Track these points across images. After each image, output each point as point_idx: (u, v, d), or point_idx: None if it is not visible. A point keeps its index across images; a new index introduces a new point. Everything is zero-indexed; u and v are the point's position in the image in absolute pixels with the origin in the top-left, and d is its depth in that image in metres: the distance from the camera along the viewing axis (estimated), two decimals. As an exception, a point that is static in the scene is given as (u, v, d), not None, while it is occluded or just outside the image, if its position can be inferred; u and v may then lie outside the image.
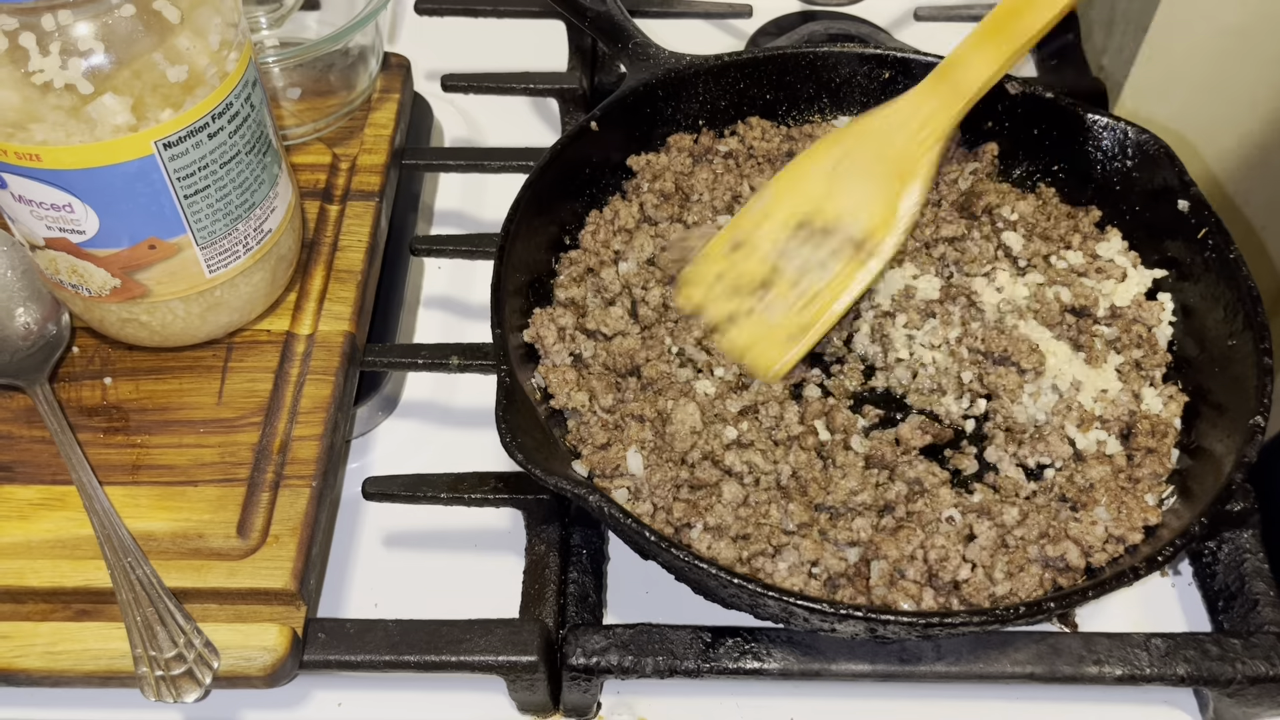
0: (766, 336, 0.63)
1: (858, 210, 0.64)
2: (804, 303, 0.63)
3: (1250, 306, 0.61)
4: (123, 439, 0.62)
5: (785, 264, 0.64)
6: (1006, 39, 0.62)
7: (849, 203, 0.64)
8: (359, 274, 0.70)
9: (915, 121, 0.64)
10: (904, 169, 0.64)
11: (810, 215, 0.64)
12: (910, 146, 0.64)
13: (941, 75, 0.64)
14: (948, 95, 0.64)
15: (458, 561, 0.66)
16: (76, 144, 0.53)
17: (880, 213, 0.63)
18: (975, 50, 0.63)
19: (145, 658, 0.53)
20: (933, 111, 0.64)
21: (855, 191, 0.64)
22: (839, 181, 0.65)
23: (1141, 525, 0.58)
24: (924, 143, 0.64)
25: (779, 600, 0.51)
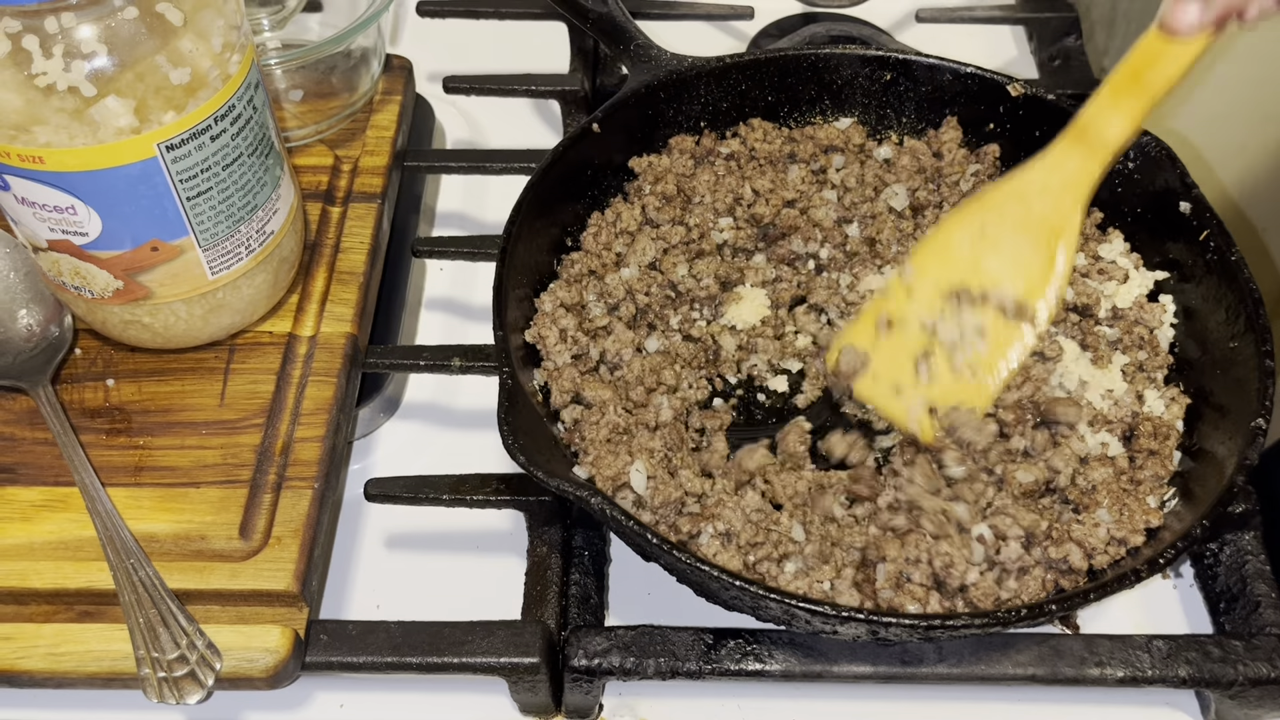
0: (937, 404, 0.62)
1: (1012, 274, 0.63)
2: (969, 371, 0.62)
3: (1252, 309, 0.61)
4: (125, 440, 0.62)
5: (943, 334, 0.63)
6: (1142, 92, 0.60)
7: (1001, 267, 0.63)
8: (361, 276, 0.70)
9: (1057, 183, 0.63)
10: (1053, 229, 0.62)
11: (962, 283, 0.63)
12: (1056, 206, 0.63)
13: (1078, 134, 0.63)
14: (1087, 154, 0.62)
15: (460, 563, 0.66)
16: (79, 146, 0.53)
17: (1036, 274, 0.62)
18: (1111, 106, 0.61)
19: (148, 659, 0.53)
20: (1074, 172, 0.62)
21: (1006, 256, 0.63)
22: (987, 248, 0.63)
23: (1143, 527, 0.58)
24: (1069, 202, 0.62)
25: (781, 602, 0.51)
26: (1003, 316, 0.62)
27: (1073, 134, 0.63)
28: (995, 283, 0.63)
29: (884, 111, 0.78)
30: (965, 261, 0.63)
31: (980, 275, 0.63)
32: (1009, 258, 0.63)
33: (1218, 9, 0.56)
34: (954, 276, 0.63)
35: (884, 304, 0.64)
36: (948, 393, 0.62)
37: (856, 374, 0.64)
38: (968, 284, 0.63)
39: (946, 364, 0.62)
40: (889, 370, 0.63)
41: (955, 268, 0.64)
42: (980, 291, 0.63)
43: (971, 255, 0.63)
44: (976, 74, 0.74)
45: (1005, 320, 0.62)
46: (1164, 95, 0.61)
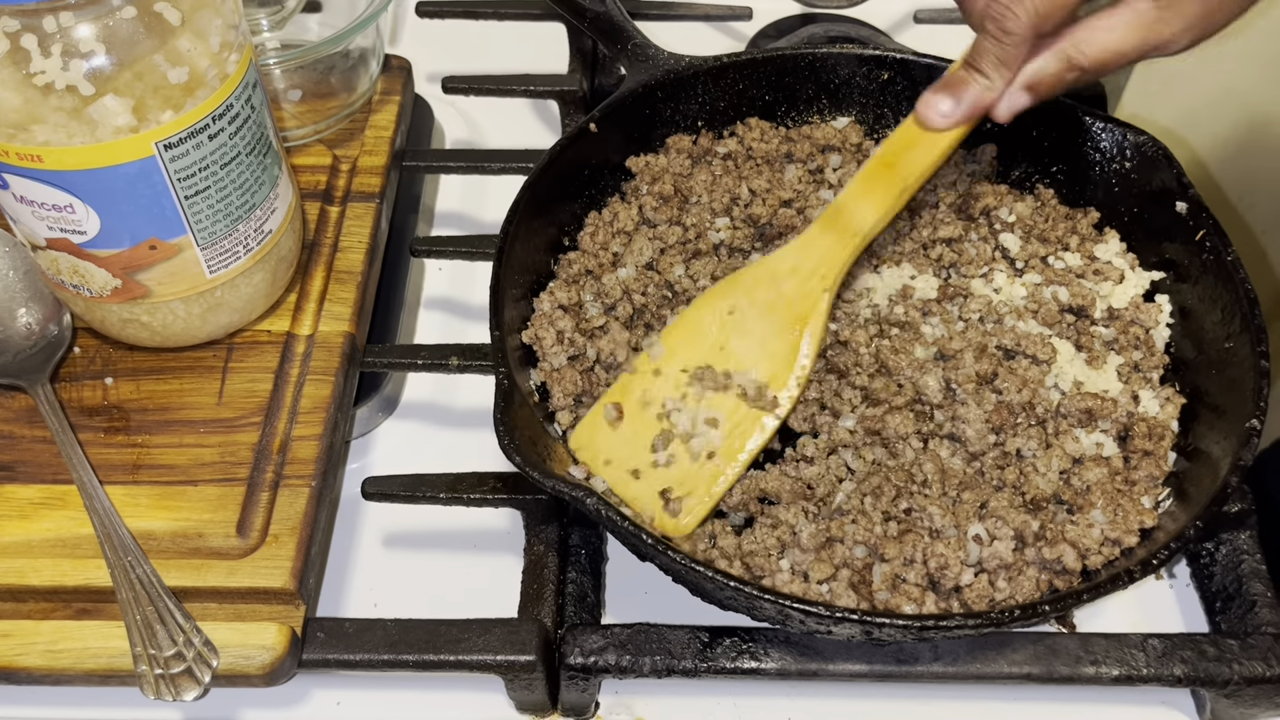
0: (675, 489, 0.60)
1: (757, 358, 0.62)
2: (705, 455, 0.60)
3: (1247, 309, 0.61)
4: (123, 439, 0.62)
5: (680, 419, 0.61)
6: (893, 180, 0.61)
7: (746, 350, 0.62)
8: (359, 275, 0.70)
9: (807, 266, 0.63)
10: (799, 313, 0.62)
11: (706, 365, 0.62)
12: (803, 290, 0.62)
13: (830, 219, 0.63)
14: (837, 238, 0.63)
15: (457, 561, 0.66)
16: (78, 145, 0.53)
17: (779, 361, 0.62)
18: (863, 192, 0.62)
19: (145, 656, 0.53)
20: (824, 255, 0.63)
21: (751, 338, 0.62)
22: (734, 329, 0.63)
23: (1138, 528, 0.58)
24: (816, 287, 0.62)
25: (775, 603, 0.51)
26: (744, 402, 0.61)
27: (826, 218, 0.63)
28: (739, 366, 0.62)
29: (881, 111, 0.78)
30: (712, 342, 0.63)
31: (726, 357, 0.62)
32: (755, 340, 0.62)
33: (968, 107, 0.59)
34: (700, 357, 0.63)
35: (629, 383, 0.63)
36: (684, 478, 0.60)
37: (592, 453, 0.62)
38: (713, 365, 0.62)
39: (684, 448, 0.60)
40: (628, 453, 0.61)
41: (702, 348, 0.63)
42: (724, 373, 0.62)
43: (719, 336, 0.63)
44: (974, 74, 0.74)
45: (747, 405, 0.61)
46: (917, 183, 0.62)
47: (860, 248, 0.63)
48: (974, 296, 0.68)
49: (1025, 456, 0.61)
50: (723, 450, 0.61)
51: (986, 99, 0.58)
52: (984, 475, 0.61)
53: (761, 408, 0.61)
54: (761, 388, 0.61)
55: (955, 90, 0.59)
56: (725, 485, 0.60)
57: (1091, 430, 0.62)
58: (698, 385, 0.62)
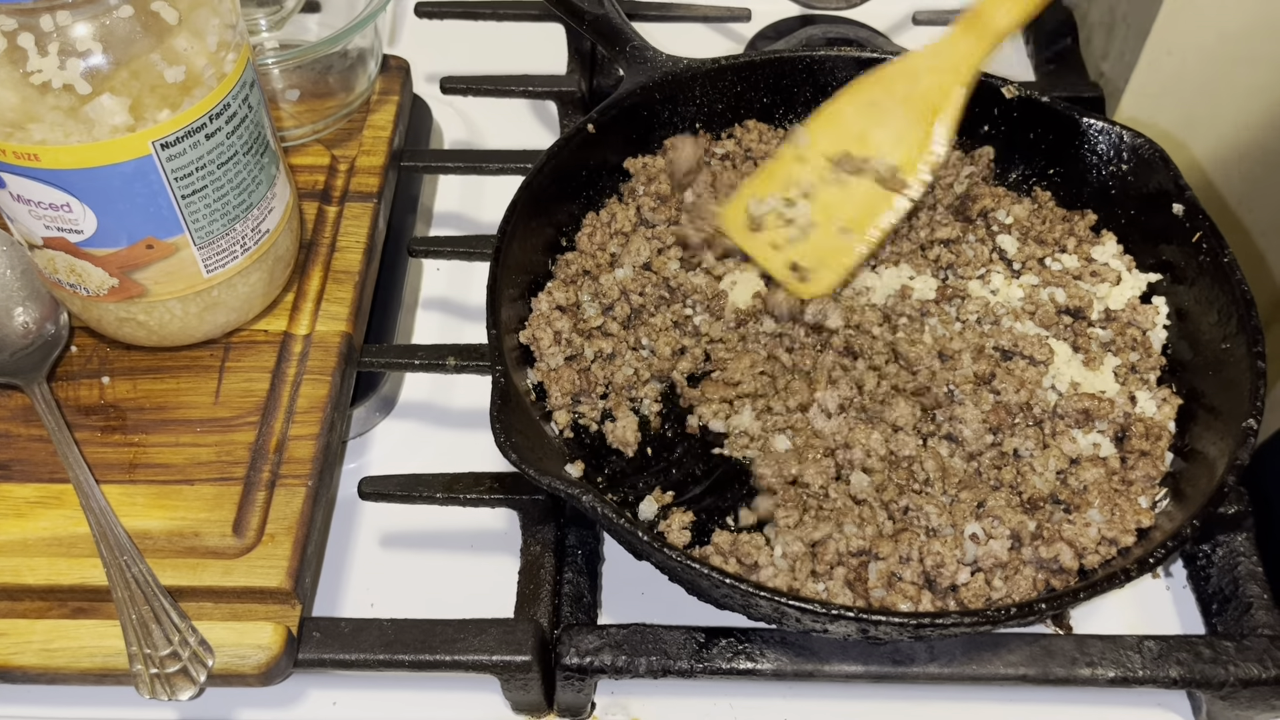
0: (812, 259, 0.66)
1: (892, 145, 0.67)
2: (842, 230, 0.66)
3: (1244, 310, 0.61)
4: (120, 438, 0.62)
5: (822, 195, 0.67)
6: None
7: (882, 139, 0.67)
8: (356, 275, 0.70)
9: (945, 62, 0.67)
10: (934, 104, 0.67)
11: (845, 151, 0.67)
12: (939, 84, 0.67)
13: (970, 21, 0.67)
14: (976, 39, 0.67)
15: (454, 562, 0.66)
16: (74, 144, 0.53)
17: (912, 146, 0.67)
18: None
19: (140, 655, 0.53)
20: (961, 54, 0.67)
21: (888, 128, 0.67)
22: (872, 119, 0.68)
23: (1134, 527, 0.58)
24: (951, 81, 0.67)
25: (771, 600, 0.51)
26: (878, 184, 0.66)
27: (965, 22, 0.68)
28: (876, 152, 0.67)
29: (879, 113, 0.78)
30: (853, 131, 0.68)
31: (864, 144, 0.68)
32: (891, 129, 0.67)
33: None
34: (840, 144, 0.68)
35: (774, 169, 0.69)
36: (817, 250, 0.67)
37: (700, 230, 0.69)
38: (850, 151, 0.67)
39: (821, 225, 0.67)
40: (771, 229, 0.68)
41: (843, 136, 0.68)
42: (862, 158, 0.67)
43: (859, 126, 0.68)
44: (971, 76, 0.74)
45: (880, 187, 0.66)
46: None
47: (994, 47, 0.67)
48: (971, 298, 0.68)
49: (1022, 456, 0.61)
50: (855, 226, 0.66)
51: None
52: (981, 475, 0.61)
53: (893, 189, 0.66)
54: (895, 170, 0.67)
55: None
56: (857, 258, 0.66)
57: (1089, 431, 0.62)
58: (836, 169, 0.67)
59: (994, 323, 0.67)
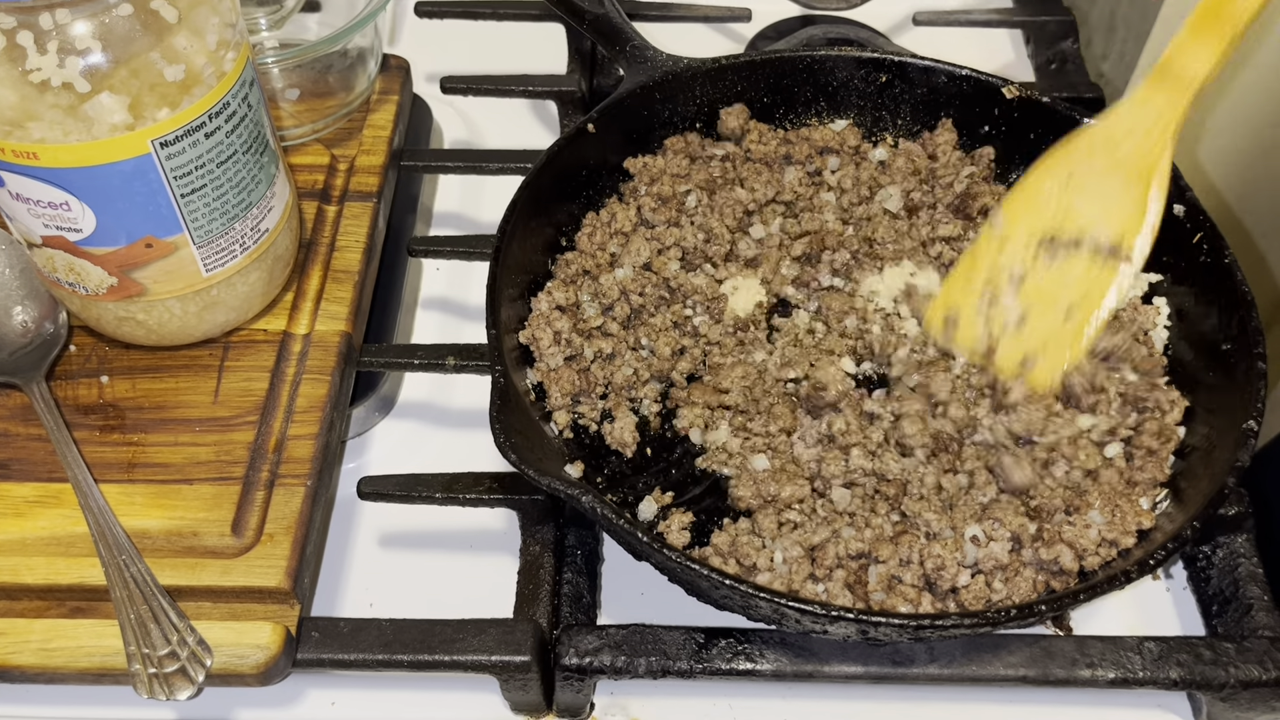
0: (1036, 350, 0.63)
1: (1104, 217, 0.63)
2: (1064, 314, 0.63)
3: (1245, 311, 0.61)
4: (119, 437, 0.62)
5: (1038, 280, 0.63)
6: (1222, 26, 0.61)
7: (1092, 212, 0.63)
8: (356, 274, 0.70)
9: (1145, 123, 0.63)
10: (1144, 167, 0.63)
11: (1053, 231, 0.64)
12: (1145, 146, 0.63)
13: (1161, 73, 0.63)
14: (1173, 91, 0.63)
15: (453, 562, 0.66)
16: (74, 142, 0.53)
17: (1128, 215, 0.63)
18: (1193, 41, 0.62)
19: (138, 655, 0.53)
20: (1161, 110, 0.63)
21: (1096, 200, 0.64)
22: (1076, 193, 0.64)
23: (1135, 529, 0.58)
24: (1159, 138, 0.63)
25: (770, 601, 0.51)
26: (1097, 258, 0.62)
27: (1156, 75, 0.63)
28: (1088, 227, 0.63)
29: (879, 114, 0.78)
30: (1055, 209, 0.64)
31: (1072, 221, 0.63)
32: (1100, 201, 0.63)
33: None
34: (1045, 224, 0.64)
35: (975, 260, 0.65)
36: (1044, 340, 0.62)
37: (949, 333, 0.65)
38: (1059, 231, 0.63)
39: (1042, 311, 0.62)
40: (986, 318, 0.64)
41: (1045, 216, 0.64)
42: (1073, 238, 0.63)
43: (1061, 202, 0.64)
44: (971, 76, 0.74)
45: (1101, 261, 0.62)
46: (1246, 26, 0.61)
47: (1194, 97, 0.62)
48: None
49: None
50: (1083, 303, 0.62)
51: None
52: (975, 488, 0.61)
53: (1114, 262, 0.62)
54: (1114, 244, 0.62)
55: None
56: (1088, 340, 0.62)
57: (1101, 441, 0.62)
58: (1047, 252, 0.63)
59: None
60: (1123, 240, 0.62)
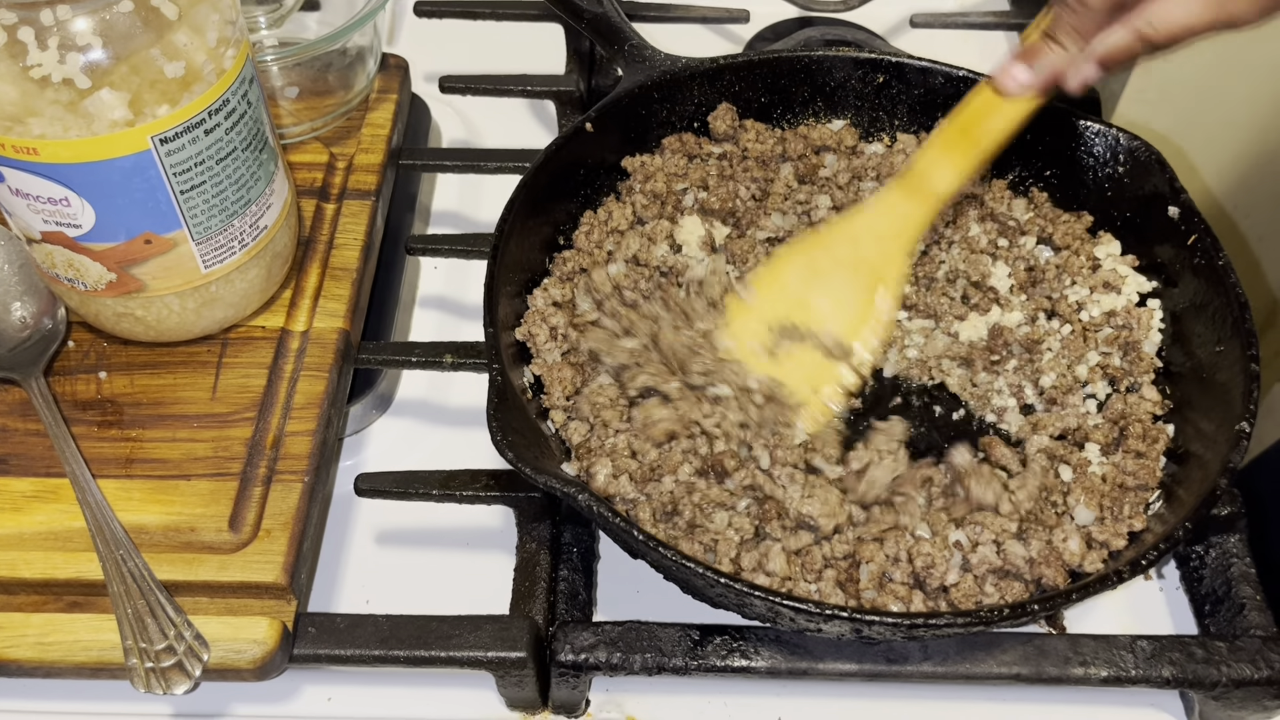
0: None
1: (836, 313, 0.65)
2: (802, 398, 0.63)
3: (1238, 312, 0.62)
4: (117, 433, 0.62)
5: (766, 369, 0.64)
6: (969, 146, 0.63)
7: (826, 306, 0.65)
8: (354, 272, 0.70)
9: (885, 228, 0.65)
10: (877, 272, 0.65)
11: (789, 318, 0.65)
12: (882, 252, 0.65)
13: (909, 182, 0.65)
14: (916, 202, 0.65)
15: (449, 559, 0.66)
16: (74, 138, 0.53)
17: (856, 315, 0.65)
18: (942, 157, 0.64)
19: (135, 649, 0.53)
20: (902, 219, 0.65)
21: (829, 294, 0.65)
22: (813, 284, 0.66)
23: (1126, 530, 0.58)
24: (895, 249, 0.65)
25: (765, 600, 0.51)
26: (821, 354, 0.64)
27: (904, 182, 0.65)
28: (820, 321, 0.64)
29: (876, 114, 0.78)
30: (795, 296, 0.66)
31: (806, 313, 0.65)
32: (834, 297, 0.65)
33: (1044, 75, 0.60)
34: (784, 311, 0.65)
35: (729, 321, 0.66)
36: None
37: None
38: (795, 320, 0.65)
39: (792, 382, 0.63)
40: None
41: (786, 301, 0.66)
42: (805, 329, 0.64)
43: (800, 291, 0.66)
44: (968, 77, 0.75)
45: (823, 357, 0.64)
46: (993, 149, 0.63)
47: (937, 211, 0.65)
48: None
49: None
50: (801, 398, 0.63)
51: (1061, 67, 0.59)
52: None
53: (839, 358, 0.64)
54: (839, 342, 0.64)
55: (1032, 58, 0.60)
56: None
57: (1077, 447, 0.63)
58: (783, 335, 0.64)
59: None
60: (847, 340, 0.64)
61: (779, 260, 0.67)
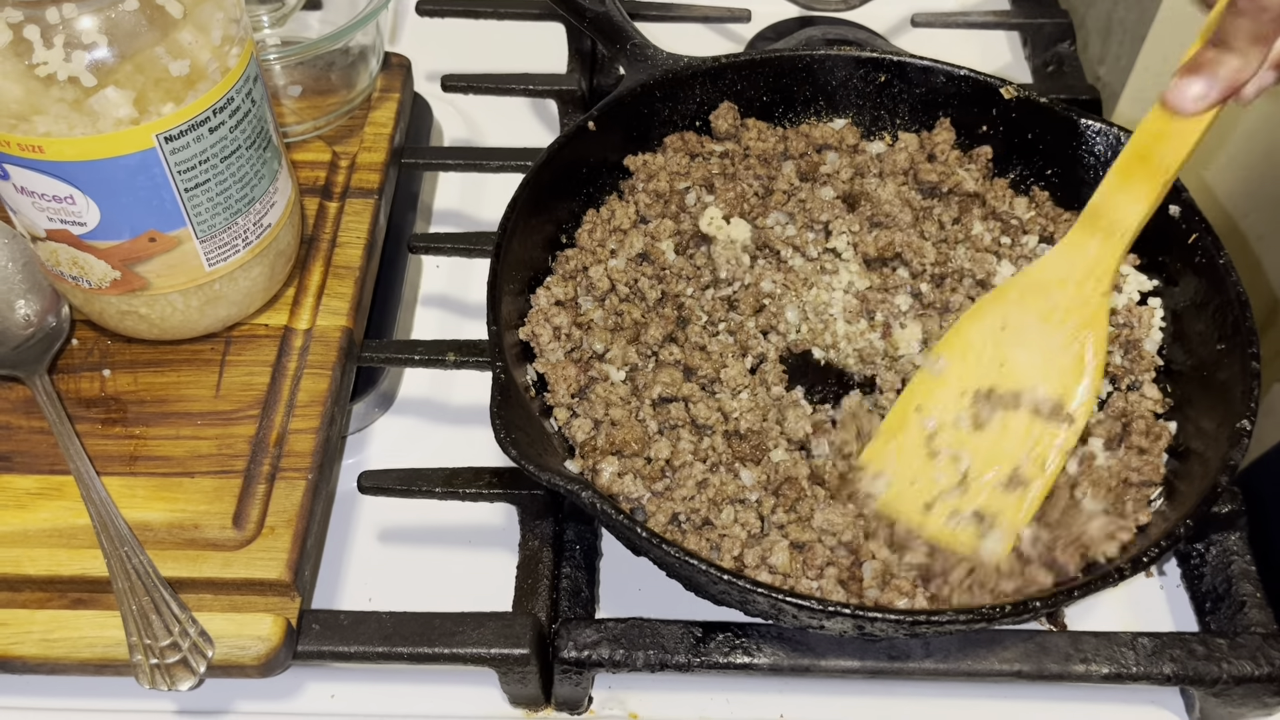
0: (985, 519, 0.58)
1: (1043, 371, 0.60)
2: (1009, 477, 0.58)
3: (1239, 311, 0.62)
4: (121, 430, 0.62)
5: (976, 443, 0.59)
6: (1151, 173, 0.60)
7: (1030, 364, 0.60)
8: (357, 270, 0.71)
9: (1078, 273, 0.61)
10: (1080, 320, 0.60)
11: (988, 385, 0.60)
12: (1080, 297, 0.61)
13: (1092, 219, 0.62)
14: (1105, 240, 0.61)
15: (452, 556, 0.66)
16: (79, 136, 0.53)
17: (1067, 371, 0.60)
18: (1122, 189, 0.61)
19: (140, 646, 0.53)
20: (1094, 260, 0.61)
21: (1033, 351, 0.60)
22: (1012, 345, 0.61)
23: (1134, 525, 0.58)
24: (1093, 292, 0.61)
25: (767, 597, 0.52)
26: (1038, 418, 0.59)
27: (1087, 220, 0.62)
28: (1026, 382, 0.60)
29: (878, 113, 0.78)
30: (989, 359, 0.61)
31: (1007, 375, 0.60)
32: (1037, 353, 0.60)
33: (1221, 87, 0.56)
34: (981, 378, 0.60)
35: (912, 400, 0.61)
36: (985, 502, 0.58)
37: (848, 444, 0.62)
38: (995, 385, 0.60)
39: (981, 476, 0.58)
40: (918, 483, 0.59)
41: (980, 369, 0.61)
42: (1011, 392, 0.59)
43: (996, 353, 0.61)
44: (970, 76, 0.75)
45: (1042, 421, 0.59)
46: (1175, 173, 0.60)
47: (1127, 246, 0.61)
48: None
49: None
50: (1026, 470, 0.58)
51: (1241, 77, 0.56)
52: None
53: (1057, 421, 0.59)
54: (1054, 403, 0.59)
55: (1207, 71, 0.56)
56: (1031, 506, 0.58)
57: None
58: (985, 406, 0.60)
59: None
60: (1063, 399, 0.59)
61: (961, 328, 0.63)
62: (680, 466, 0.60)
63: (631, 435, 0.61)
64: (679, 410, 0.63)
